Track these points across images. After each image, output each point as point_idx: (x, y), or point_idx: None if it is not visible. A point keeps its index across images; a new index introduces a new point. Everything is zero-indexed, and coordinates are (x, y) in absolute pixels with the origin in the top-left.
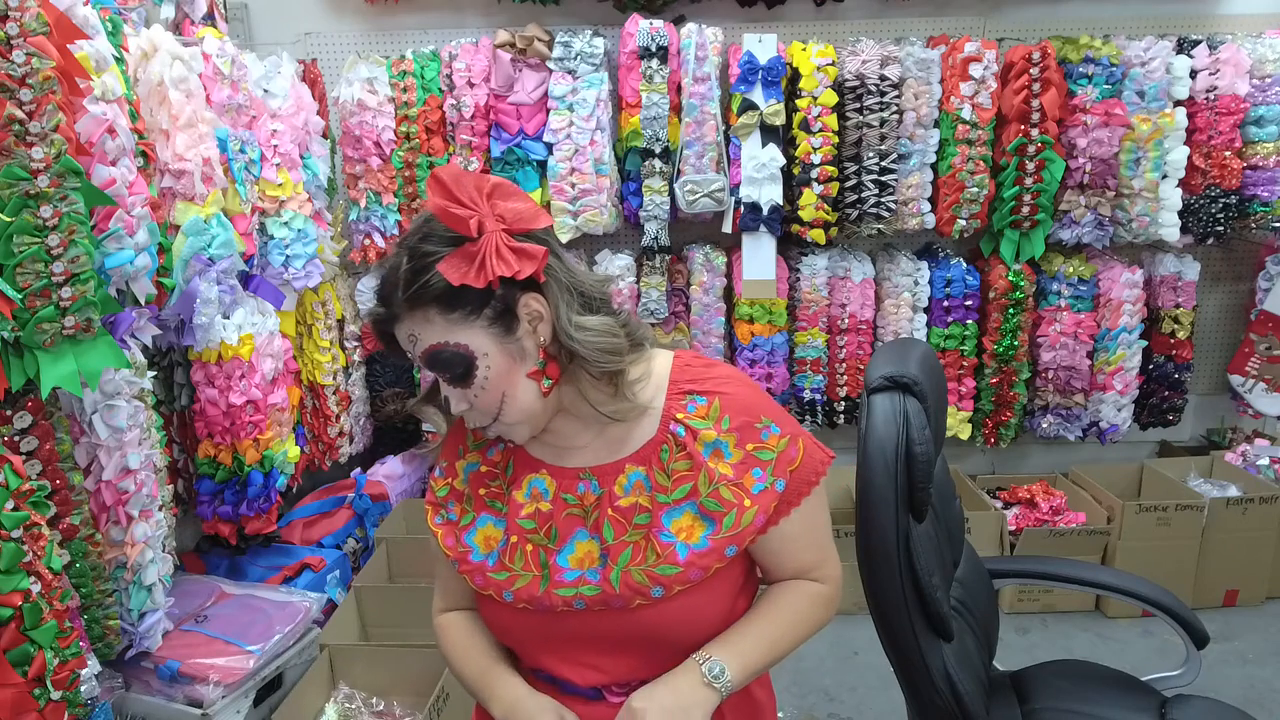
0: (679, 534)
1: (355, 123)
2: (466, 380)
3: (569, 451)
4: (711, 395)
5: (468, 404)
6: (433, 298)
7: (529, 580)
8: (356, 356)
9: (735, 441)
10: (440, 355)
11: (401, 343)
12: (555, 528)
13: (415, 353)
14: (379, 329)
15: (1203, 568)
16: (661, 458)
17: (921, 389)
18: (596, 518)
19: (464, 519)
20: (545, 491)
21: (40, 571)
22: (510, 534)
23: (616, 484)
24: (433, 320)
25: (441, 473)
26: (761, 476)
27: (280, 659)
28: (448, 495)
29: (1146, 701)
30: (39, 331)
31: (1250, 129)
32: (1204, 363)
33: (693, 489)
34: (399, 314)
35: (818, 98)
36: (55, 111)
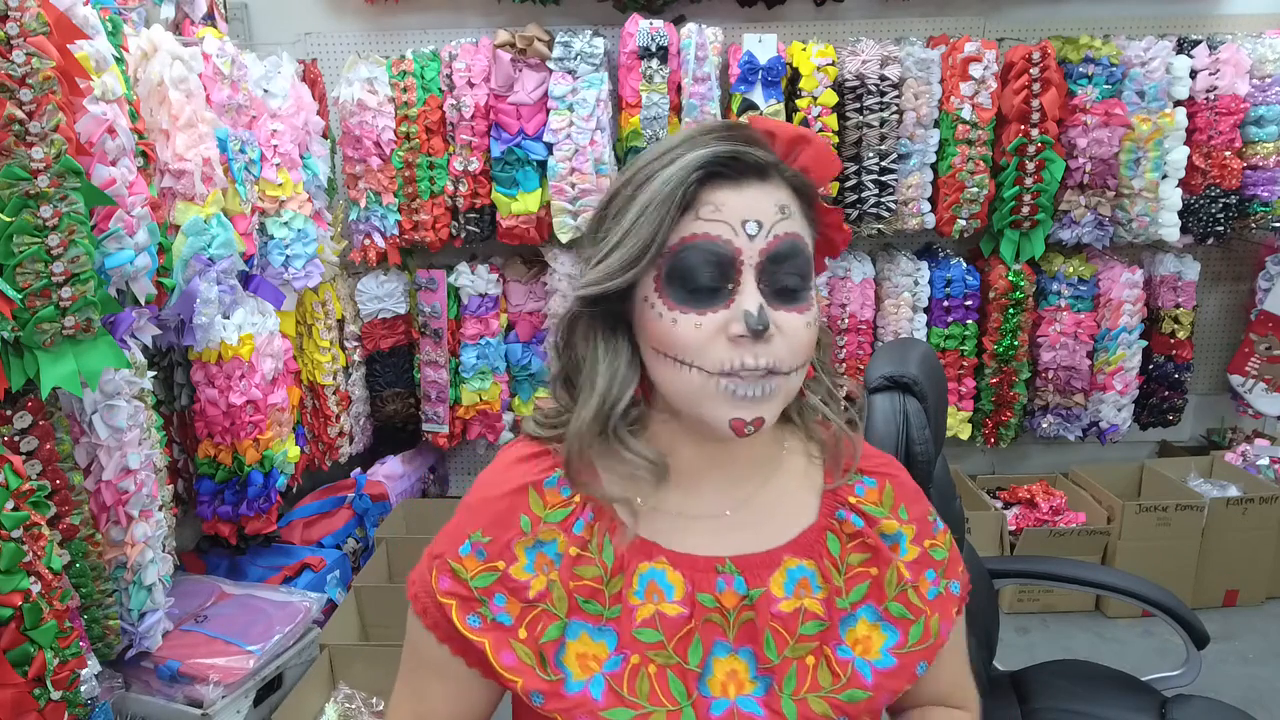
0: (855, 647)
1: (355, 123)
2: (807, 294)
3: (694, 530)
4: (881, 478)
5: (791, 338)
6: (804, 180)
7: (665, 719)
8: (356, 356)
9: (913, 535)
10: (799, 249)
11: (727, 214)
12: (695, 640)
13: (763, 234)
14: (696, 174)
15: (1203, 568)
16: (831, 549)
17: (921, 389)
18: (744, 626)
19: (548, 631)
20: (669, 589)
21: (40, 571)
22: (627, 650)
23: (773, 582)
24: (792, 206)
25: (481, 551)
26: (935, 580)
27: (280, 659)
28: (494, 586)
29: (1146, 701)
30: (39, 331)
31: (1250, 129)
32: (1204, 363)
33: (873, 588)
34: (769, 169)
35: (818, 98)
36: (55, 111)
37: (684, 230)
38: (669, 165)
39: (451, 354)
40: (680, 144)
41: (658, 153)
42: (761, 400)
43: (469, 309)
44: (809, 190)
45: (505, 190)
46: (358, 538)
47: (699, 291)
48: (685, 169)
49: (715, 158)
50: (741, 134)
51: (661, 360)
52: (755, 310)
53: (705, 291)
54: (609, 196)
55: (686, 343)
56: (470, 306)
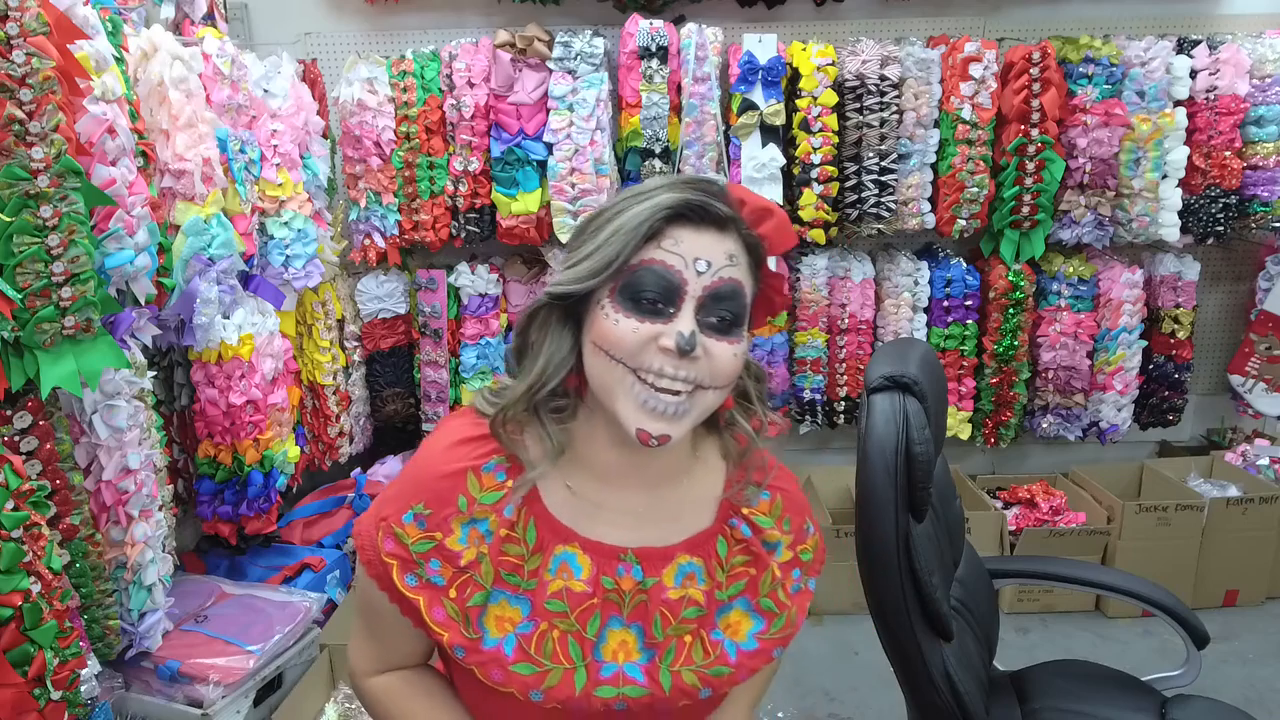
0: (726, 630)
1: (355, 123)
2: (738, 330)
3: (606, 520)
4: (775, 491)
5: (715, 361)
6: (756, 241)
7: (561, 676)
8: (356, 356)
9: (789, 543)
10: (739, 294)
11: (683, 250)
12: (595, 615)
13: (710, 273)
14: (664, 213)
15: (1203, 568)
16: (719, 551)
17: (921, 389)
18: (638, 606)
19: (474, 596)
20: (578, 569)
21: (40, 571)
22: (537, 618)
23: (666, 573)
24: (740, 258)
25: (421, 522)
26: (799, 578)
27: (280, 659)
28: (431, 552)
29: (1146, 701)
30: (39, 331)
31: (1250, 129)
32: (1204, 363)
33: (749, 586)
34: (729, 223)
35: (818, 98)
36: (55, 111)
37: (645, 254)
38: (644, 201)
39: (451, 354)
40: (659, 187)
41: (638, 191)
42: (672, 419)
43: (469, 309)
44: (759, 252)
45: (505, 190)
46: None
47: (644, 304)
48: (657, 206)
49: (684, 203)
50: (711, 189)
51: (597, 354)
52: (687, 332)
53: (650, 306)
54: (589, 219)
55: (623, 341)
56: (470, 306)
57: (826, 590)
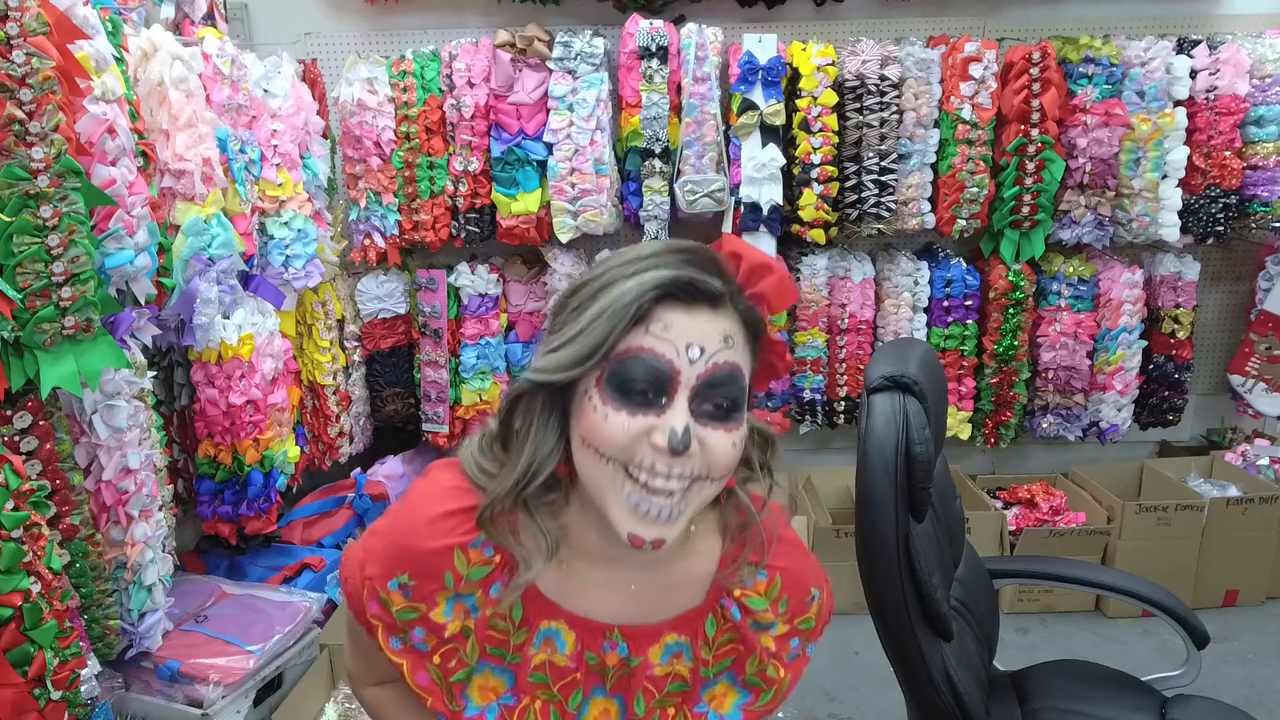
0: (710, 703)
1: (355, 123)
2: (737, 416)
3: (593, 595)
4: (774, 571)
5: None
6: (754, 314)
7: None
8: (356, 356)
9: (785, 619)
10: (736, 378)
11: (674, 336)
12: (577, 690)
13: (703, 360)
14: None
15: (1203, 568)
16: (707, 631)
17: (921, 389)
18: (620, 680)
19: (458, 671)
20: (562, 644)
21: (40, 571)
22: (520, 692)
23: (652, 652)
24: (737, 337)
25: (406, 592)
26: (798, 645)
27: (280, 659)
28: (415, 621)
29: (1146, 701)
30: (39, 331)
31: (1250, 129)
32: (1204, 363)
33: (736, 663)
34: (723, 298)
35: (818, 98)
36: (55, 111)
37: (632, 340)
38: (630, 277)
39: (451, 354)
40: (647, 257)
41: (625, 259)
42: (666, 523)
43: (469, 309)
44: (757, 325)
45: (505, 190)
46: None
47: (634, 396)
48: (644, 286)
49: (672, 281)
50: (703, 259)
51: (586, 450)
52: (680, 430)
53: (640, 398)
54: (573, 289)
55: (613, 438)
56: (470, 306)
57: None
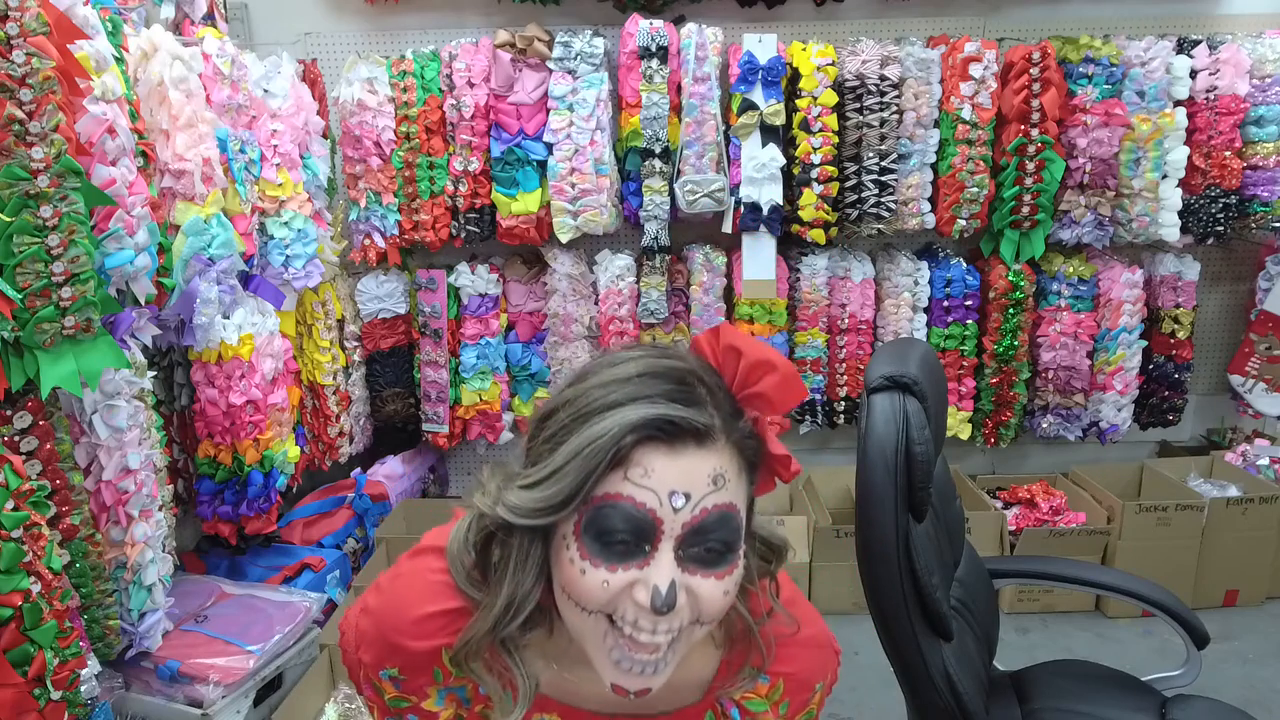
0: None
1: (355, 123)
2: (730, 560)
3: (587, 691)
4: (775, 677)
5: (703, 602)
6: (750, 441)
7: None
8: (356, 356)
9: (786, 716)
10: (729, 519)
11: (654, 483)
12: None
13: (689, 507)
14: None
15: (1203, 568)
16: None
17: (921, 389)
18: None
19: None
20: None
21: (40, 571)
22: None
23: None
24: (729, 473)
25: (397, 685)
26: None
27: (280, 659)
28: (408, 710)
29: (1146, 701)
30: (39, 331)
31: (1250, 129)
32: (1204, 363)
33: None
34: (713, 433)
35: (818, 98)
36: (55, 111)
37: (610, 486)
38: (608, 412)
39: (451, 354)
40: (628, 380)
41: (605, 380)
42: (651, 675)
43: (469, 309)
44: (755, 452)
45: (505, 190)
46: (358, 538)
47: (613, 547)
48: (622, 427)
49: (652, 422)
50: (691, 388)
51: (567, 602)
52: (664, 587)
53: (621, 549)
54: (550, 410)
55: (592, 596)
56: (470, 306)
57: (826, 590)
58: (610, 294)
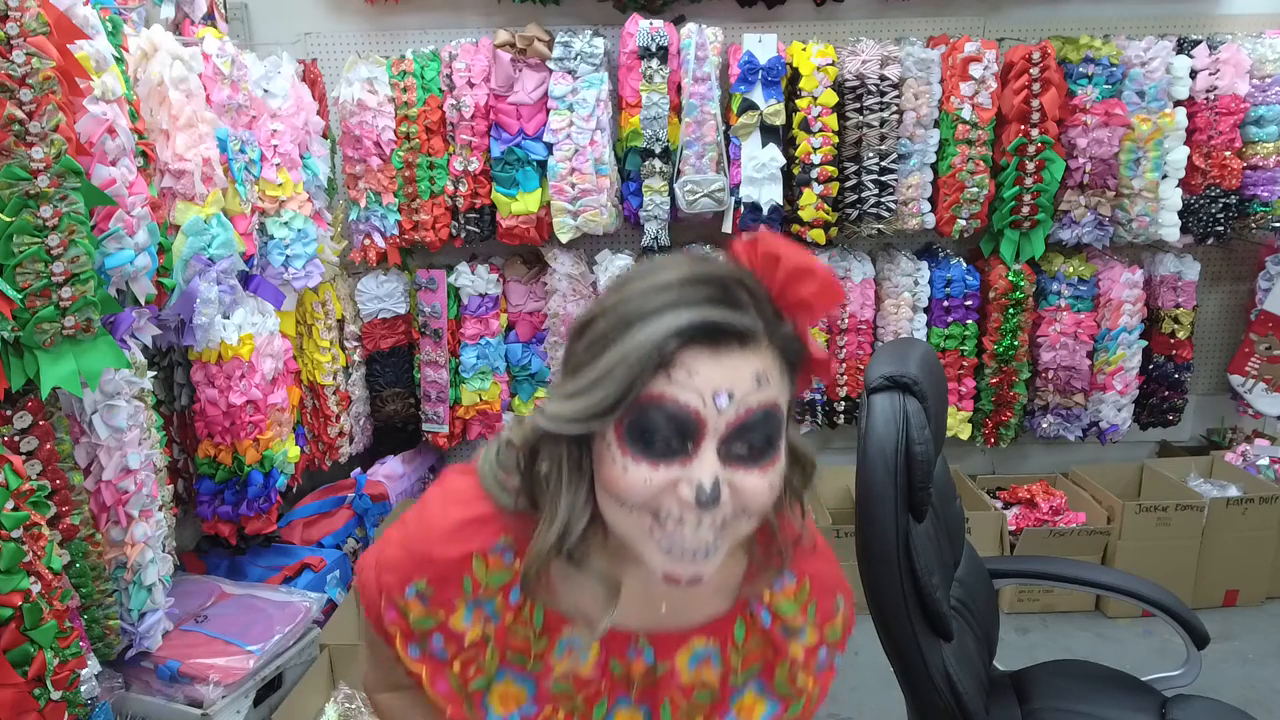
0: (740, 714)
1: (355, 123)
2: (772, 454)
3: (622, 608)
4: (801, 575)
5: (746, 496)
6: (792, 341)
7: None
8: (356, 356)
9: (815, 625)
10: (771, 416)
11: (699, 383)
12: (602, 701)
13: (733, 406)
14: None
15: (1203, 568)
16: (736, 635)
17: (921, 389)
18: (646, 689)
19: (477, 679)
20: (584, 653)
21: (40, 571)
22: (542, 702)
23: (679, 657)
24: (771, 373)
25: (424, 600)
26: (826, 656)
27: (280, 659)
28: (434, 629)
29: (1146, 701)
30: (39, 331)
31: (1250, 129)
32: (1204, 363)
33: (764, 669)
34: (755, 335)
35: (818, 98)
36: (55, 111)
37: (653, 387)
38: (650, 318)
39: (451, 354)
40: (669, 287)
41: (645, 287)
42: (702, 560)
43: (469, 309)
44: (797, 352)
45: (505, 190)
46: (358, 538)
47: (656, 446)
48: (665, 332)
49: (697, 326)
50: (732, 290)
51: (609, 500)
52: (709, 484)
53: (664, 448)
54: (590, 318)
55: (635, 492)
56: (470, 306)
57: None
58: None
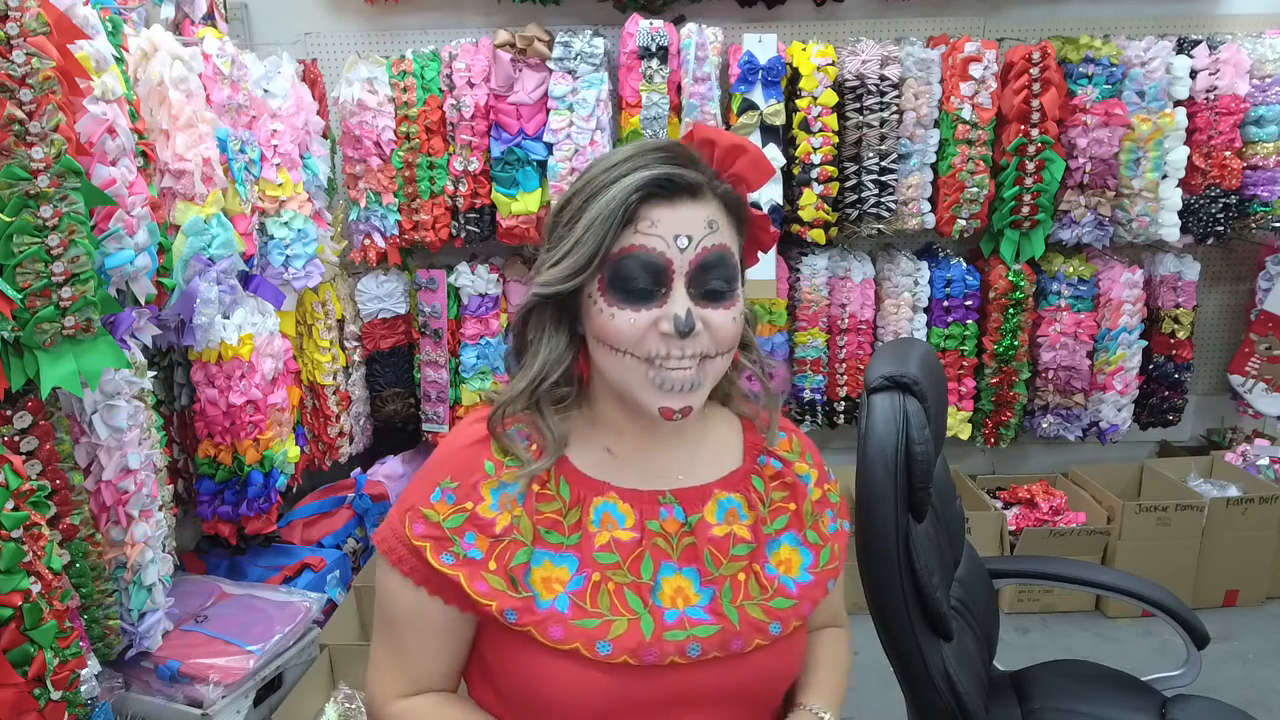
0: (780, 566)
1: (355, 123)
2: (732, 294)
3: (635, 473)
4: (790, 432)
5: (716, 330)
6: (733, 196)
7: (627, 625)
8: (356, 356)
9: (816, 479)
10: (725, 258)
11: (661, 230)
12: (646, 559)
13: (692, 247)
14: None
15: (1203, 568)
16: (756, 486)
17: (921, 389)
18: (686, 549)
19: (516, 554)
20: (620, 518)
21: (40, 571)
22: (588, 569)
23: (707, 510)
24: (720, 220)
25: (450, 496)
26: (833, 518)
27: (280, 659)
28: (464, 525)
29: (1146, 701)
30: (39, 331)
31: (1250, 129)
32: (1204, 363)
33: (793, 519)
34: (701, 188)
35: (818, 98)
36: (55, 111)
37: (624, 241)
38: (613, 184)
39: (451, 354)
40: (625, 160)
41: (605, 166)
42: (689, 393)
43: (469, 309)
44: (738, 206)
45: (505, 190)
46: (358, 538)
47: (635, 293)
48: (626, 190)
49: (652, 180)
50: (679, 155)
51: (602, 348)
52: (683, 314)
53: (641, 293)
54: (562, 203)
55: (623, 334)
56: (470, 306)
57: None
58: None
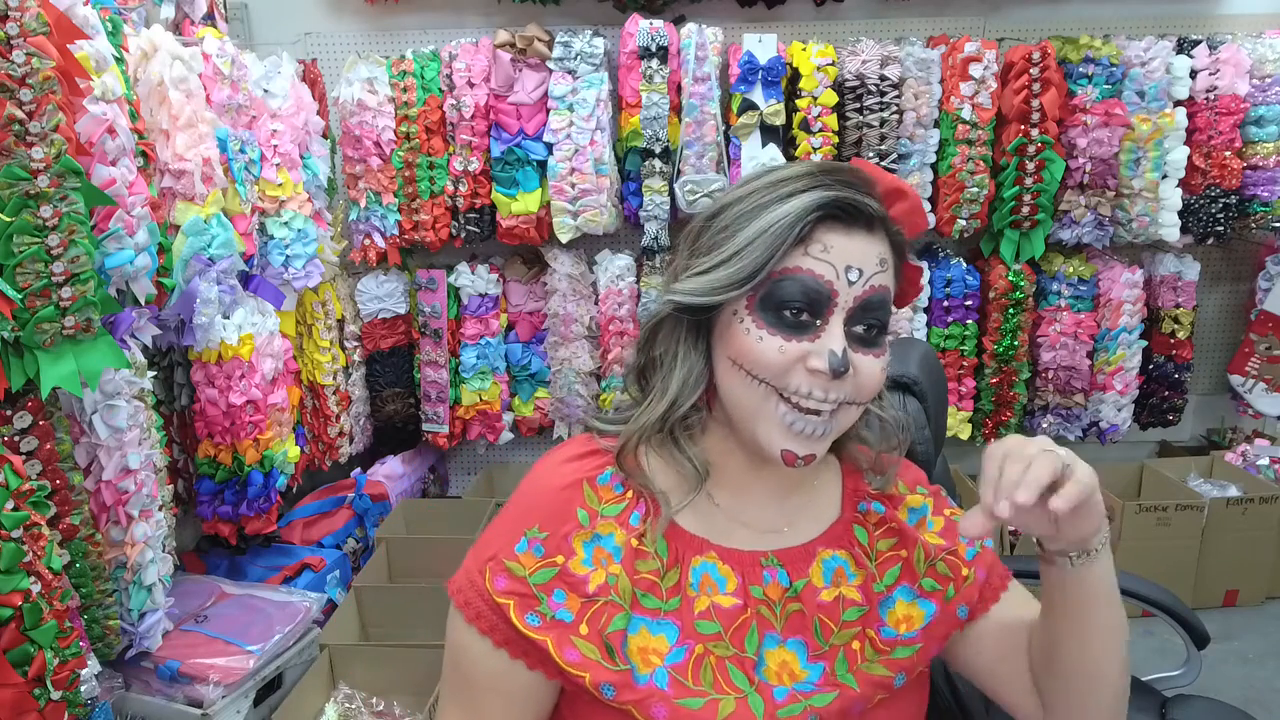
0: (898, 626)
1: (355, 123)
2: (884, 340)
3: (735, 529)
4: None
5: (863, 378)
6: (901, 237)
7: (735, 705)
8: (356, 356)
9: (934, 507)
10: (886, 301)
11: (834, 257)
12: (751, 630)
13: (861, 281)
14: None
15: (1203, 568)
16: (860, 540)
17: (922, 389)
18: (792, 617)
19: (614, 620)
20: (721, 581)
21: (40, 571)
22: (689, 640)
23: (813, 572)
24: (889, 260)
25: (539, 548)
26: (969, 542)
27: (280, 659)
28: (553, 582)
29: (1146, 701)
30: (39, 331)
31: (1250, 129)
32: (1204, 363)
33: (904, 569)
34: (878, 222)
35: (818, 98)
36: (55, 111)
37: (791, 261)
38: (789, 199)
39: (451, 354)
40: (799, 176)
41: (774, 180)
42: (816, 439)
43: (469, 309)
44: (901, 249)
45: (505, 190)
46: (358, 538)
47: (787, 318)
48: (805, 207)
49: (834, 202)
50: (860, 181)
51: (736, 372)
52: (840, 352)
53: (794, 320)
54: (715, 211)
55: (769, 362)
56: (470, 306)
57: None
58: (610, 294)
